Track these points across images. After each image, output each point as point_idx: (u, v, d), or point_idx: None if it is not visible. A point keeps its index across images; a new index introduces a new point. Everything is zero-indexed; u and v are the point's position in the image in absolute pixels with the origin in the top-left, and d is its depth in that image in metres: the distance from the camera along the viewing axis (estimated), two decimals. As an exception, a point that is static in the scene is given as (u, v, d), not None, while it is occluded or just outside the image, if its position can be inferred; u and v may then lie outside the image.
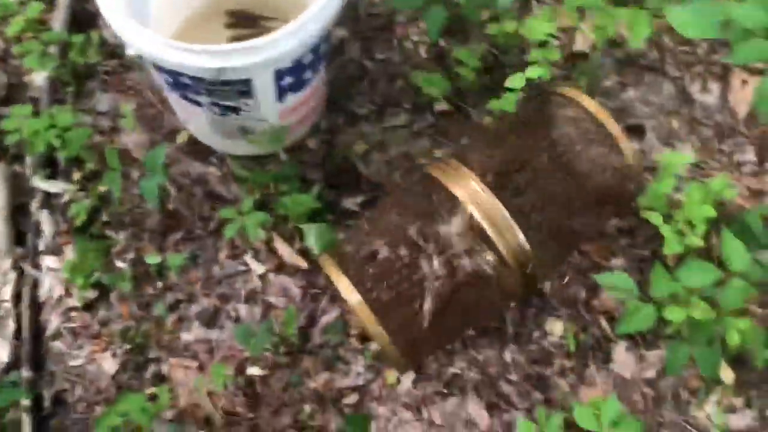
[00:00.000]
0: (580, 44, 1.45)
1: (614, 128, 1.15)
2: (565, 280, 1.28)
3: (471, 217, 1.09)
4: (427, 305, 1.12)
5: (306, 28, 1.02)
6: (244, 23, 1.41)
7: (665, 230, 1.16)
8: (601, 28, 1.30)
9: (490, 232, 1.08)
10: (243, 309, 1.30)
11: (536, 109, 1.22)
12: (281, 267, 1.33)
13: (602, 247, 1.30)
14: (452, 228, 1.15)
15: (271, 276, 1.32)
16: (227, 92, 1.11)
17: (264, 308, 1.30)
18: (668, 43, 1.49)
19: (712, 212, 1.14)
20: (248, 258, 1.34)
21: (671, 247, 1.16)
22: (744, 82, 1.43)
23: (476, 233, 1.11)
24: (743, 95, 1.42)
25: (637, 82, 1.45)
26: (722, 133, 1.41)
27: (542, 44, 1.45)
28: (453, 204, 1.14)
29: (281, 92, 1.16)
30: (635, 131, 1.40)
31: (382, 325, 1.09)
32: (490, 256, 1.11)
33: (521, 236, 1.07)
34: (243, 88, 1.10)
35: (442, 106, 1.42)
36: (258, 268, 1.32)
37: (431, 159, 1.37)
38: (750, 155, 1.40)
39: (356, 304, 1.08)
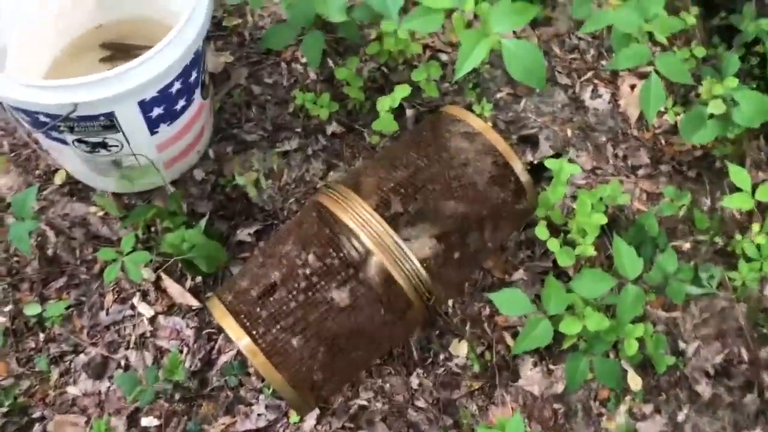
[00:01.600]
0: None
1: (502, 145, 1.12)
2: (466, 299, 1.25)
3: (365, 247, 1.05)
4: (325, 345, 1.06)
5: (162, 56, 0.97)
6: (120, 55, 1.34)
7: (552, 245, 1.14)
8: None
9: (385, 262, 1.03)
10: (133, 356, 1.22)
11: (428, 129, 1.18)
12: (172, 307, 1.25)
13: (503, 263, 1.27)
14: (348, 259, 1.10)
15: (162, 318, 1.24)
16: (90, 128, 1.04)
17: (156, 353, 1.23)
18: (557, 51, 1.49)
19: (602, 219, 1.13)
20: (136, 301, 1.26)
21: (563, 260, 1.14)
22: (632, 86, 1.44)
23: (372, 264, 1.07)
24: (633, 99, 1.43)
25: (529, 93, 1.44)
26: (616, 138, 1.41)
27: (434, 58, 1.44)
28: (346, 234, 1.09)
29: (152, 124, 1.10)
30: (529, 142, 1.39)
31: (277, 368, 1.02)
32: (388, 287, 1.07)
33: (418, 265, 1.03)
34: (106, 122, 1.03)
35: (334, 127, 1.38)
36: (147, 310, 1.25)
37: (324, 185, 1.32)
38: (644, 158, 1.40)
39: (246, 349, 1.02)
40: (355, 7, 1.24)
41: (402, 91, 1.17)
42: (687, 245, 1.32)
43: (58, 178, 1.34)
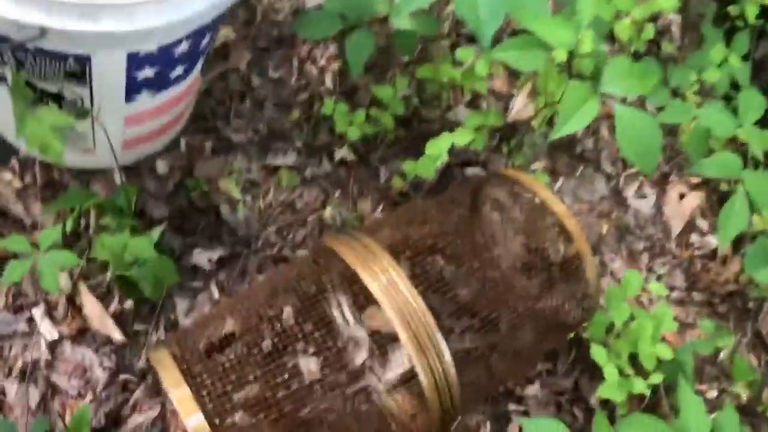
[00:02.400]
0: (519, 111, 1.21)
1: (581, 242, 0.88)
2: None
3: (382, 318, 0.78)
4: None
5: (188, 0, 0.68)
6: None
7: (610, 373, 0.91)
8: (549, 102, 1.07)
9: (407, 346, 0.76)
10: (13, 389, 0.88)
11: (481, 194, 0.93)
12: (84, 334, 0.92)
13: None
14: (349, 327, 0.83)
15: (68, 346, 0.91)
16: (50, 69, 0.73)
17: (46, 392, 0.89)
18: (605, 134, 1.29)
19: (667, 353, 0.92)
20: (38, 314, 0.92)
21: (609, 392, 0.91)
22: (682, 195, 1.26)
23: (383, 342, 0.80)
24: (680, 210, 1.25)
25: (569, 173, 1.23)
26: (653, 250, 1.22)
27: (474, 104, 1.21)
28: (357, 296, 0.82)
29: (133, 88, 0.80)
30: (564, 230, 1.17)
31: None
32: (399, 379, 0.80)
33: (448, 358, 0.77)
34: (75, 68, 0.72)
35: (345, 153, 1.11)
36: (49, 331, 0.91)
37: (328, 225, 1.04)
38: (679, 280, 1.21)
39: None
40: (419, 16, 0.99)
41: (462, 136, 0.93)
42: (713, 393, 1.13)
43: (-30, 124, 0.99)
